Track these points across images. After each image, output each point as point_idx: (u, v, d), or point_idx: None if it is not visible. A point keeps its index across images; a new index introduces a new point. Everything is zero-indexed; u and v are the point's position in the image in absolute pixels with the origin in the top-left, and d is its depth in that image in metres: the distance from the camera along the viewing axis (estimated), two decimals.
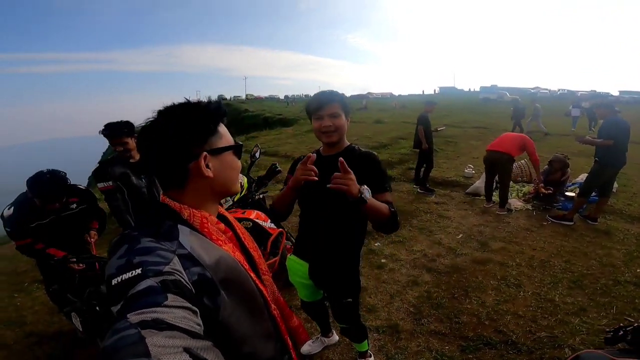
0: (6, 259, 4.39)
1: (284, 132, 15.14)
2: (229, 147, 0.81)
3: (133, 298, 0.52)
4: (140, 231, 0.68)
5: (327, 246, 1.68)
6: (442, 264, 3.48)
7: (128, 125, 2.42)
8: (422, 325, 2.59)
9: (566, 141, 10.69)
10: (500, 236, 4.14)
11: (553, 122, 14.79)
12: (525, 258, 3.58)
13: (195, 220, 0.76)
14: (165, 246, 0.65)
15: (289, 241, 3.25)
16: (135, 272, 0.56)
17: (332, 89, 1.59)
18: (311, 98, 1.58)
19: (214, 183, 0.79)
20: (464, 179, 6.50)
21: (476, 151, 9.15)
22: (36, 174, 2.12)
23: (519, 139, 4.83)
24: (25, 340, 2.61)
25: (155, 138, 0.75)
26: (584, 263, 3.45)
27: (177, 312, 0.51)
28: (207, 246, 0.73)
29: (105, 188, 2.43)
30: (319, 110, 1.51)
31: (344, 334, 2.06)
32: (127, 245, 0.63)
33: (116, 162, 2.46)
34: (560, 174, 5.28)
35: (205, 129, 0.77)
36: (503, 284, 3.10)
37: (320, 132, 1.54)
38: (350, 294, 1.80)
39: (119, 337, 0.43)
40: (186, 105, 0.78)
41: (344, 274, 1.74)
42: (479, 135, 11.99)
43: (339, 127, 1.52)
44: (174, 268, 0.60)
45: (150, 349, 0.42)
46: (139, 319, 0.46)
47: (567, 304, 2.79)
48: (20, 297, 3.25)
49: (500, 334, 2.47)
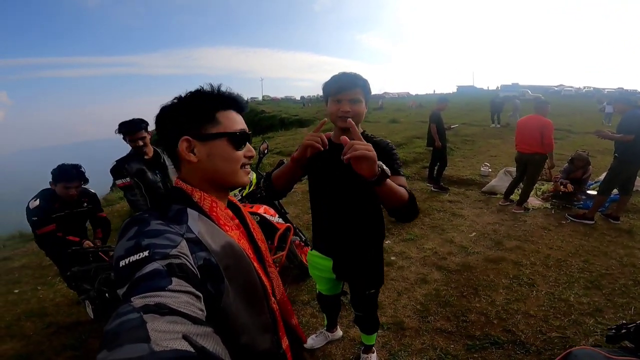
0: (33, 254, 4.60)
1: (299, 133, 15.21)
2: (218, 134, 0.78)
3: (138, 281, 0.53)
4: (150, 214, 0.70)
5: (351, 239, 1.64)
6: (452, 262, 3.43)
7: (143, 120, 2.55)
8: (428, 323, 2.56)
9: (591, 139, 10.28)
10: (515, 235, 4.03)
11: (578, 120, 14.28)
12: (541, 257, 3.47)
13: (205, 204, 0.77)
14: (174, 229, 0.66)
15: (296, 236, 3.27)
16: (142, 255, 0.57)
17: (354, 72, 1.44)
18: (332, 78, 1.44)
19: (204, 170, 0.79)
20: (480, 178, 6.38)
21: (495, 150, 8.93)
22: (59, 165, 2.49)
23: (537, 129, 4.54)
24: (44, 331, 2.73)
25: (158, 118, 0.81)
26: (603, 263, 3.32)
27: (181, 297, 0.52)
28: (214, 232, 0.74)
29: (123, 184, 2.53)
30: (339, 94, 1.39)
31: (357, 323, 2.05)
32: (137, 227, 0.64)
33: (132, 159, 2.56)
34: (581, 172, 5.09)
35: (197, 114, 0.78)
36: (515, 282, 3.02)
37: (336, 117, 1.42)
38: (375, 285, 1.79)
39: (121, 322, 0.44)
40: (193, 91, 0.80)
41: (370, 265, 1.72)
42: (498, 133, 11.71)
43: (358, 113, 1.41)
44: (180, 251, 0.61)
45: (151, 334, 0.42)
46: (142, 303, 0.47)
47: (582, 304, 2.69)
48: (43, 290, 3.41)
49: (508, 333, 2.41)
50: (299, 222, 4.59)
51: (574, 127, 12.40)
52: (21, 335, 2.72)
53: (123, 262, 0.57)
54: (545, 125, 4.47)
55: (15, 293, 3.40)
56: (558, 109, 14.73)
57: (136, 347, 0.40)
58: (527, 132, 4.63)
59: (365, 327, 2.04)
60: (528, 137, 4.61)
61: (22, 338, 2.68)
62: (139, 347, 0.40)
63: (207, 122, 0.78)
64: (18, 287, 3.53)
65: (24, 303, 3.17)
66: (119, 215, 5.74)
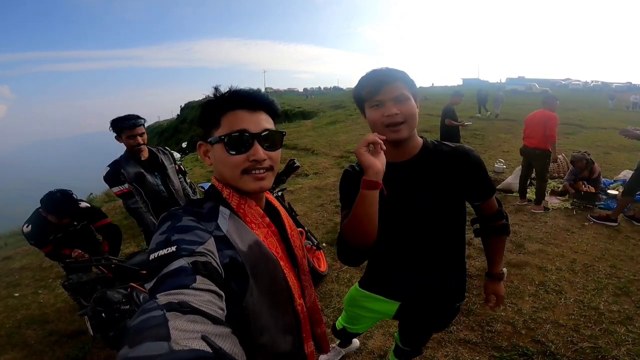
0: (33, 254, 4.49)
1: (303, 125, 15.08)
2: (215, 138, 0.77)
3: (164, 278, 0.55)
4: (185, 209, 0.73)
5: (432, 273, 1.24)
6: (472, 266, 3.26)
7: (139, 116, 2.32)
8: (451, 333, 2.42)
9: (603, 134, 10.07)
10: (537, 237, 3.87)
11: (588, 115, 14.00)
12: (566, 262, 3.32)
13: (233, 200, 0.79)
14: (204, 226, 0.69)
15: (309, 241, 3.13)
16: (170, 250, 0.60)
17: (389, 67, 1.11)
18: (361, 80, 1.11)
19: (219, 173, 0.81)
20: (494, 174, 6.17)
21: (506, 145, 8.73)
22: (48, 194, 2.31)
23: (542, 124, 4.45)
24: (46, 340, 2.60)
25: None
26: (630, 268, 3.18)
27: (204, 296, 0.53)
28: (242, 230, 0.75)
29: (121, 192, 2.33)
30: (377, 94, 1.05)
31: (398, 357, 1.67)
32: (170, 222, 0.67)
33: (127, 163, 2.33)
34: (587, 173, 4.92)
35: (204, 119, 0.80)
36: (542, 289, 2.87)
37: (382, 126, 1.06)
38: (445, 324, 1.46)
39: (145, 318, 0.45)
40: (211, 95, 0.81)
41: (450, 302, 1.32)
42: (508, 127, 11.45)
43: (409, 115, 1.06)
44: (207, 248, 0.63)
45: (171, 332, 0.42)
46: (166, 300, 0.49)
47: (612, 312, 2.57)
48: (44, 294, 3.28)
49: (538, 344, 2.29)
50: (307, 220, 4.45)
51: (585, 122, 12.17)
52: (23, 344, 2.59)
53: (153, 256, 0.60)
54: (550, 118, 4.41)
55: (16, 297, 3.28)
56: (566, 104, 14.50)
57: (156, 345, 0.40)
58: (533, 126, 4.58)
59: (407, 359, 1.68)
60: (533, 131, 4.56)
61: (24, 347, 2.56)
62: (159, 345, 0.40)
63: (213, 125, 0.78)
64: (18, 290, 3.41)
65: (24, 308, 3.05)
66: (121, 212, 5.60)
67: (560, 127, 4.66)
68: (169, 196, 2.45)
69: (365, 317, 1.57)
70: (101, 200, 7.13)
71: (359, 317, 1.60)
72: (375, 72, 1.10)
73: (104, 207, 6.25)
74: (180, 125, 40.77)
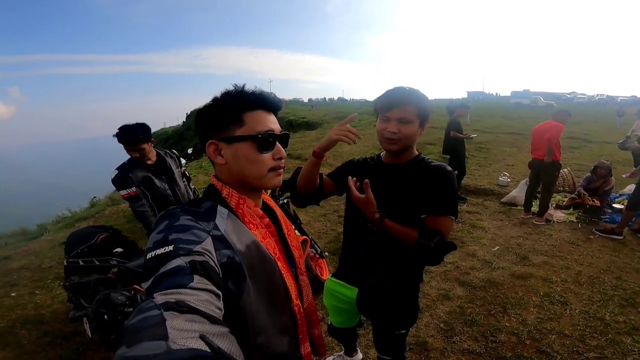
0: (33, 254, 4.47)
1: (307, 136, 15.10)
2: (241, 136, 0.77)
3: (162, 277, 0.54)
4: (182, 208, 0.72)
5: (385, 268, 1.39)
6: (476, 277, 3.21)
7: (143, 128, 2.30)
8: (454, 343, 2.37)
9: (610, 149, 10.00)
10: (542, 249, 3.82)
11: (593, 129, 13.96)
12: (572, 274, 3.27)
13: (232, 200, 0.79)
14: (202, 225, 0.68)
15: (312, 249, 3.09)
16: (167, 249, 0.59)
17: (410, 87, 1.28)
18: (383, 93, 1.30)
19: (231, 171, 0.79)
20: (498, 188, 6.12)
21: (511, 158, 8.69)
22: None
23: (547, 134, 4.45)
24: (39, 340, 2.54)
25: (195, 121, 0.84)
26: (636, 280, 3.16)
27: (201, 295, 0.53)
28: (240, 230, 0.75)
29: (129, 195, 2.33)
30: (387, 111, 1.25)
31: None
32: (168, 221, 0.67)
33: (135, 166, 2.34)
34: (601, 182, 4.89)
35: (224, 115, 0.78)
36: (547, 300, 2.83)
37: (382, 137, 1.28)
38: (405, 325, 1.51)
39: (142, 318, 0.44)
40: (223, 92, 0.80)
41: (404, 301, 1.44)
42: (513, 141, 11.40)
43: (406, 137, 1.24)
44: (204, 248, 0.63)
45: (169, 331, 0.42)
46: (163, 300, 0.48)
47: (618, 323, 2.55)
48: (40, 294, 3.23)
49: (543, 354, 2.26)
50: (309, 229, 4.40)
51: (591, 136, 12.12)
52: (15, 344, 2.53)
53: (150, 254, 0.60)
54: (554, 125, 4.47)
55: (12, 297, 3.22)
56: (572, 117, 14.42)
57: (154, 345, 0.40)
58: (538, 137, 4.62)
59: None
60: (539, 142, 4.57)
61: (16, 347, 2.50)
62: (157, 344, 0.40)
63: (233, 123, 0.77)
64: (15, 290, 3.36)
65: (20, 308, 2.99)
66: (124, 216, 5.58)
67: (565, 141, 4.67)
68: (175, 200, 2.46)
69: (340, 309, 1.64)
70: (104, 204, 7.11)
71: (336, 309, 1.67)
72: (395, 90, 1.27)
73: (107, 211, 6.25)
74: (186, 132, 41.06)
